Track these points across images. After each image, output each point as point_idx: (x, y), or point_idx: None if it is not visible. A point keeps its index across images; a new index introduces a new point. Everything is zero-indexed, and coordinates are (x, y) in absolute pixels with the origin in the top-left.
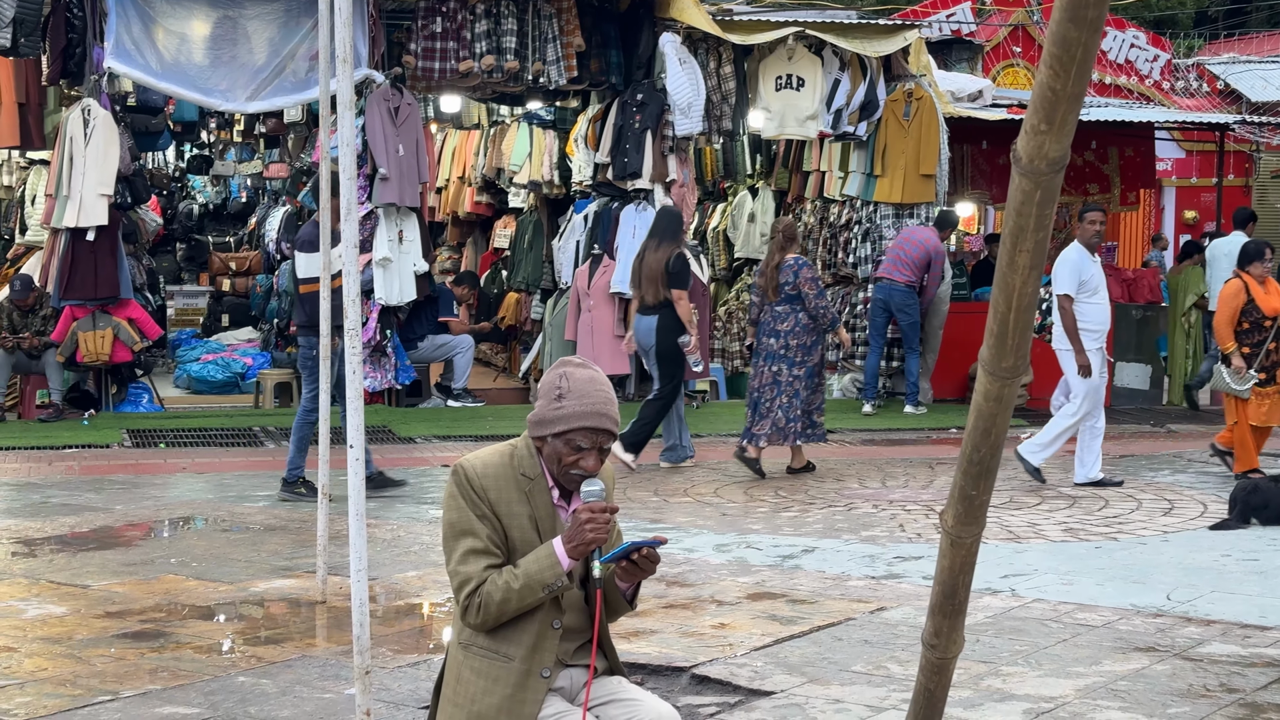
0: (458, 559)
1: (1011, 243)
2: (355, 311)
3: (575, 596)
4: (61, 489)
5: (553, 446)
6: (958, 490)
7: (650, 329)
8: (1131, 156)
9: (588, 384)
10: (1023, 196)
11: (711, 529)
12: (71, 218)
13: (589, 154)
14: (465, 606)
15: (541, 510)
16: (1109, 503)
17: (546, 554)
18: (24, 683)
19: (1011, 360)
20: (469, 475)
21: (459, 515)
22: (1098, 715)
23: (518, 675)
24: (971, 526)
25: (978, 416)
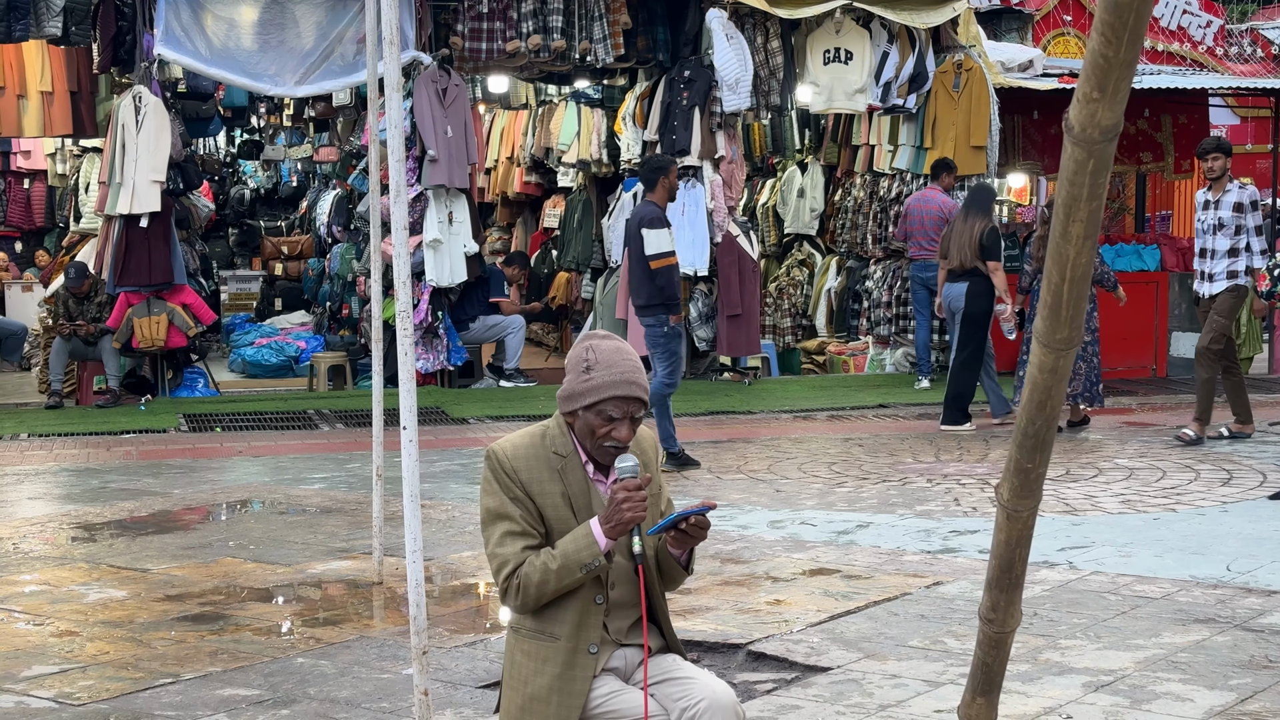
0: (495, 542)
1: (1065, 213)
2: (406, 293)
3: (625, 570)
4: (120, 474)
5: (584, 420)
6: (1013, 463)
7: (960, 294)
8: (1185, 124)
9: (614, 354)
10: (1075, 166)
11: (765, 505)
12: (125, 204)
13: (637, 132)
14: (504, 589)
15: (575, 487)
16: (1166, 474)
17: (584, 534)
18: (86, 666)
19: (1066, 332)
20: (500, 458)
21: (494, 499)
22: (1158, 687)
23: (565, 654)
24: (1027, 500)
25: (1032, 389)
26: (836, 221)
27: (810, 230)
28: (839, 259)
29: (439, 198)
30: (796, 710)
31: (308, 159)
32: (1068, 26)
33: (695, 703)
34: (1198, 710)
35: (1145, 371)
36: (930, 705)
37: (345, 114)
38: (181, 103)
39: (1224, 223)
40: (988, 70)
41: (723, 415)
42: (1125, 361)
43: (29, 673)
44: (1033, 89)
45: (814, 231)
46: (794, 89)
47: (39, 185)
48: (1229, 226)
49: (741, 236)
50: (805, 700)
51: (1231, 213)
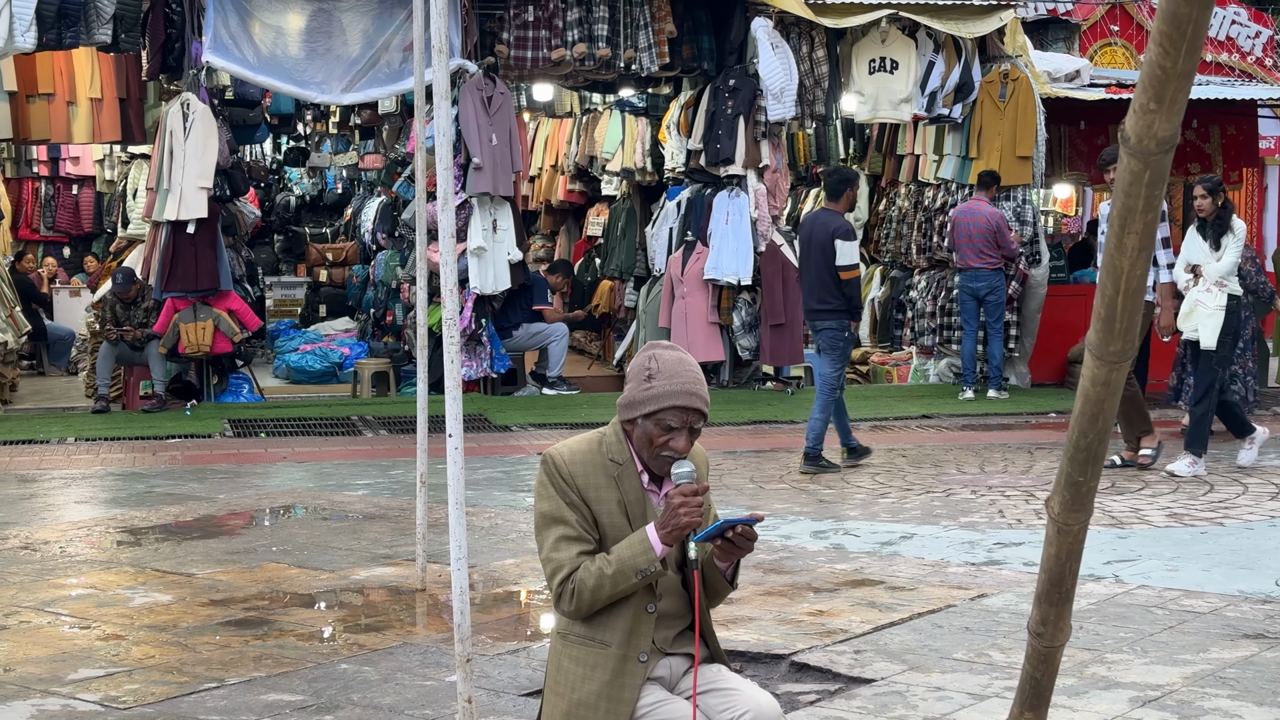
0: (549, 547)
1: (1120, 224)
2: (453, 300)
3: (672, 581)
4: (166, 478)
5: (643, 428)
6: (1064, 477)
7: None
8: (1234, 135)
9: (676, 364)
10: (1131, 177)
11: (809, 515)
12: (172, 211)
13: (681, 140)
14: (558, 594)
15: (631, 495)
16: (1214, 487)
17: (640, 539)
18: (132, 670)
19: (1120, 344)
20: (557, 463)
21: (549, 504)
22: (1206, 703)
23: (615, 661)
24: (1078, 513)
25: (1085, 402)
26: (881, 231)
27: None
28: (883, 269)
29: (483, 205)
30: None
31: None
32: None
33: (740, 714)
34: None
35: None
36: (975, 718)
37: (391, 121)
38: (229, 110)
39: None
40: (1034, 80)
41: (765, 425)
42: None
43: (75, 676)
44: (1079, 99)
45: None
46: (839, 98)
47: (87, 191)
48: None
49: (785, 246)
50: (849, 712)
51: None
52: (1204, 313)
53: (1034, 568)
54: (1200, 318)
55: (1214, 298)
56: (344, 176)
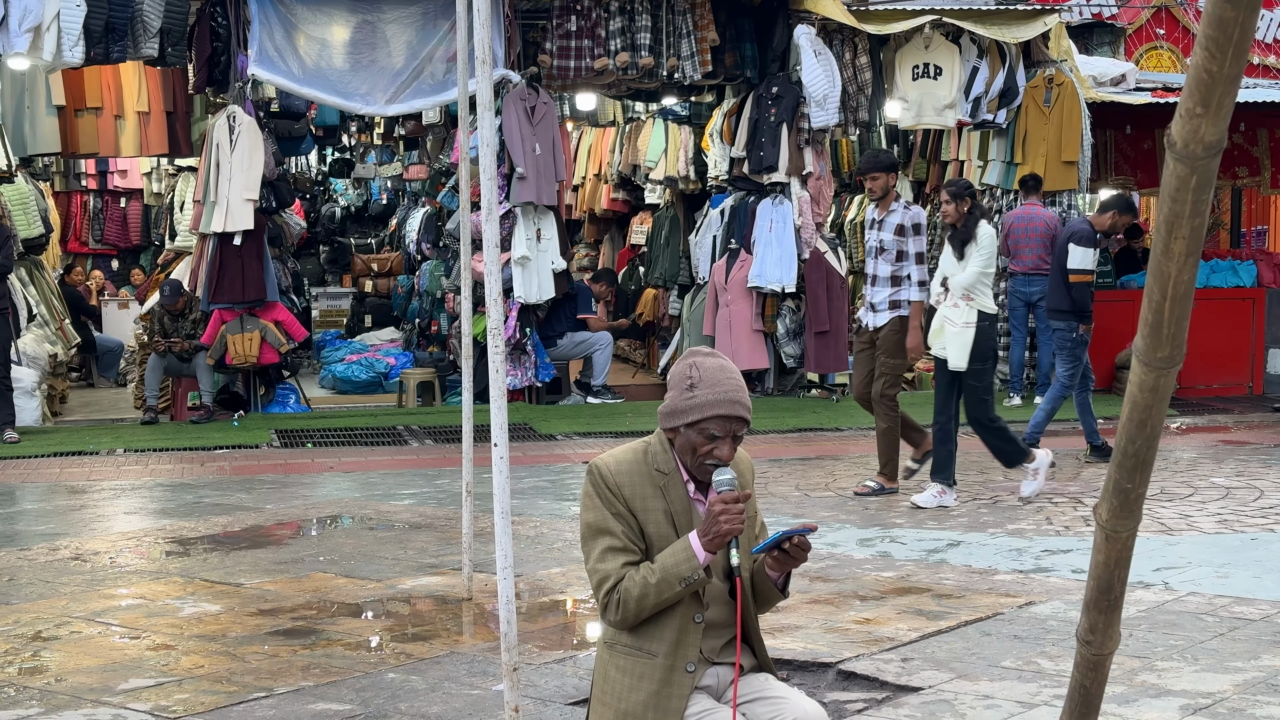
0: (596, 557)
1: (1166, 230)
2: (497, 310)
3: (719, 590)
4: (214, 489)
5: (686, 437)
6: (1112, 484)
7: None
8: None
9: (718, 372)
10: (1178, 182)
11: (854, 523)
12: (219, 223)
13: (724, 148)
14: (605, 604)
15: (677, 504)
16: (1264, 493)
17: (683, 548)
18: (181, 679)
19: (1167, 350)
20: (603, 474)
21: (595, 514)
22: (1258, 711)
23: (662, 671)
24: (1127, 520)
25: (1132, 408)
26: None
27: None
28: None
29: (527, 215)
30: None
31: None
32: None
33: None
34: None
35: (1241, 389)
36: None
37: (435, 132)
38: (274, 122)
39: (885, 246)
40: (1079, 85)
41: (810, 432)
42: (1221, 379)
43: (126, 686)
44: (1125, 103)
45: None
46: (882, 105)
47: (135, 204)
48: (890, 251)
49: (829, 253)
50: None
51: (893, 236)
52: (951, 331)
53: (1082, 575)
54: (948, 336)
55: (961, 314)
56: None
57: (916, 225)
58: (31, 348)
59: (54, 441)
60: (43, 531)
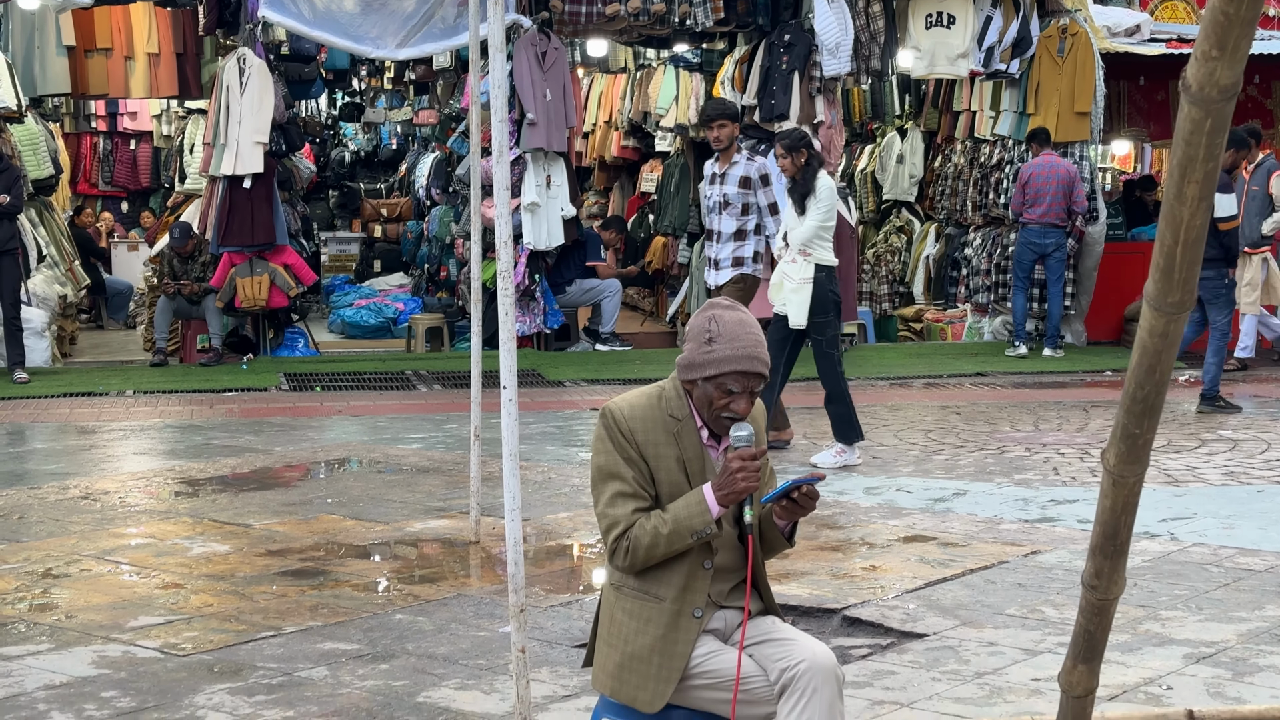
0: (606, 502)
1: (1180, 173)
2: (507, 252)
3: (729, 536)
4: (222, 431)
5: (703, 390)
6: (1120, 429)
7: None
8: None
9: (737, 326)
10: (1192, 126)
11: (861, 472)
12: (229, 165)
13: (736, 96)
14: (613, 550)
15: (690, 452)
16: (1271, 446)
17: (696, 500)
18: (190, 618)
19: (1178, 295)
20: (617, 418)
21: (607, 458)
22: (1261, 660)
23: (669, 615)
24: (1134, 465)
25: (1142, 353)
26: (936, 188)
27: (909, 197)
28: (938, 226)
29: (537, 161)
30: (892, 675)
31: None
32: None
33: (795, 664)
34: None
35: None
36: (1027, 673)
37: (445, 77)
38: (284, 65)
39: (729, 200)
40: (1093, 35)
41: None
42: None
43: (135, 623)
44: (1139, 54)
45: (913, 198)
46: (895, 54)
47: (145, 146)
48: (735, 205)
49: (839, 203)
50: (901, 666)
51: (737, 189)
52: (789, 287)
53: (1088, 525)
54: (786, 292)
55: (799, 269)
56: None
57: (764, 176)
58: (41, 288)
59: (63, 382)
60: (52, 471)
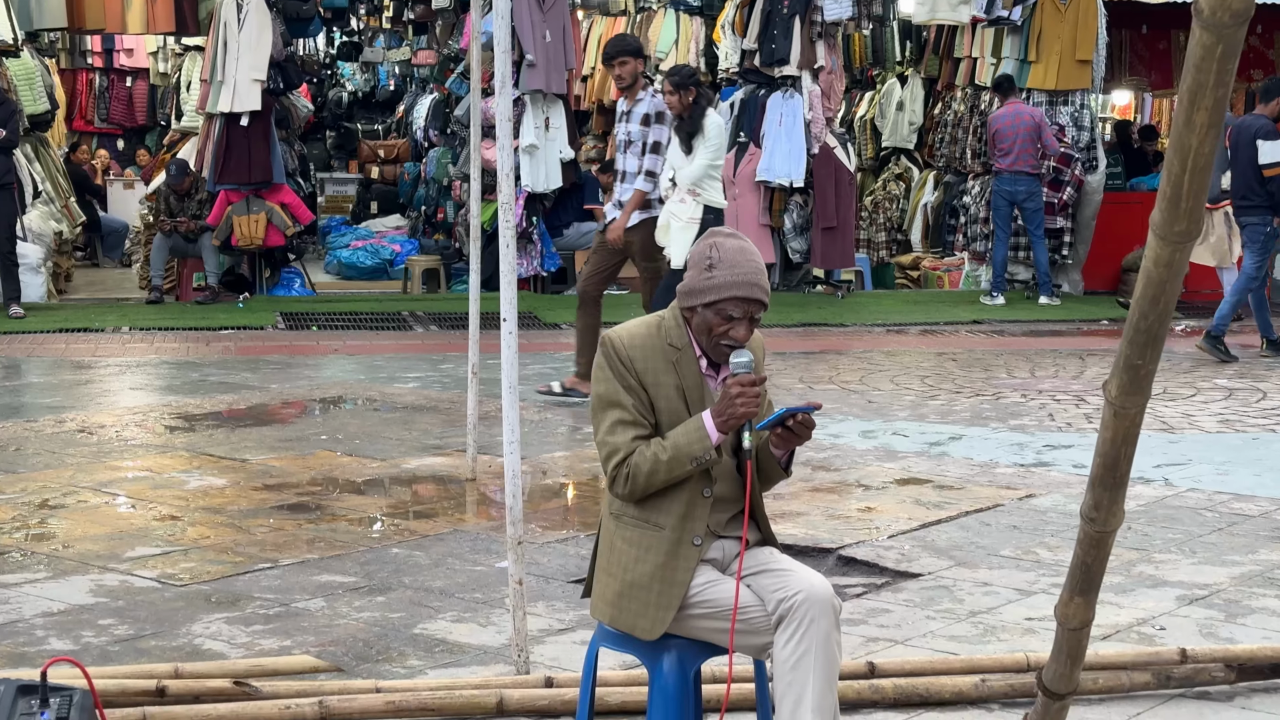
0: (606, 429)
1: (1189, 100)
2: (509, 186)
3: (727, 466)
4: (219, 368)
5: (702, 317)
6: (1123, 360)
7: None
8: None
9: (738, 254)
10: (1203, 51)
11: (857, 416)
12: (226, 103)
13: (736, 40)
14: (613, 477)
15: (689, 380)
16: (1266, 395)
17: (696, 427)
18: (188, 549)
19: (1185, 224)
20: (616, 346)
21: (607, 386)
22: (1254, 602)
23: (669, 544)
24: (1136, 397)
25: (1146, 283)
26: (935, 136)
27: (908, 144)
28: (937, 174)
29: (536, 103)
30: (886, 614)
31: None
32: None
33: (792, 594)
34: None
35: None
36: (1021, 613)
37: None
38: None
39: (633, 138)
40: None
41: (815, 327)
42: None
43: (133, 553)
44: (1142, 2)
45: (912, 145)
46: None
47: (141, 84)
48: (638, 143)
49: (839, 148)
50: (895, 605)
51: (640, 126)
52: (676, 226)
53: (1083, 470)
54: (673, 232)
55: (687, 209)
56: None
57: (660, 114)
58: (37, 224)
59: (59, 318)
60: (49, 404)
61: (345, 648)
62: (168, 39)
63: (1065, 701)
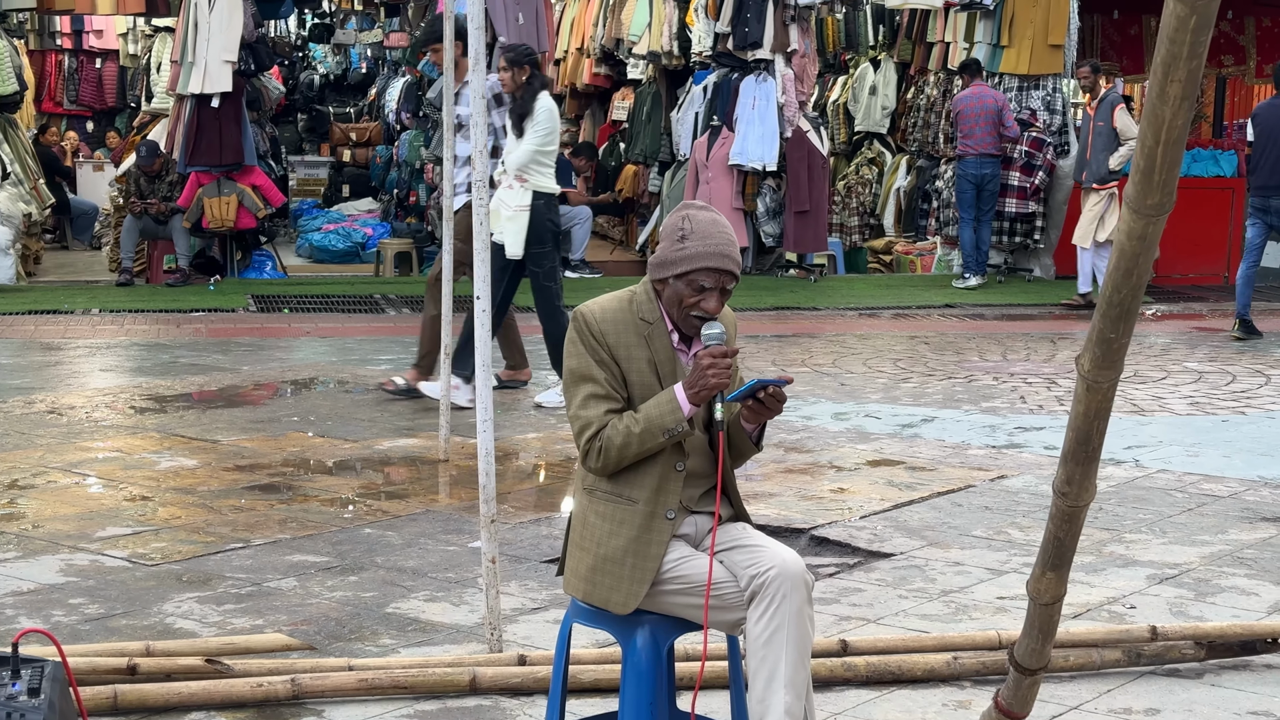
0: (578, 404)
1: (1163, 72)
2: (483, 164)
3: (699, 441)
4: (189, 350)
5: (674, 288)
6: (1096, 333)
7: None
8: (1269, 27)
9: (710, 225)
10: (1177, 23)
11: (830, 398)
12: (196, 84)
13: (709, 24)
14: (586, 451)
15: (661, 354)
16: (1236, 378)
17: (668, 399)
18: (159, 529)
19: (1158, 197)
20: (588, 321)
21: (579, 361)
22: (1223, 581)
23: (642, 517)
24: (1109, 371)
25: (1120, 256)
26: (908, 120)
27: (881, 128)
28: (909, 158)
29: None
30: (859, 593)
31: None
32: None
33: (765, 570)
34: (1263, 604)
35: (1217, 279)
36: (993, 592)
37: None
38: None
39: (463, 121)
40: None
41: (788, 310)
42: (1198, 268)
43: (103, 533)
44: None
45: (885, 130)
46: None
47: (111, 65)
48: (467, 126)
49: (812, 132)
50: (868, 584)
51: (467, 108)
52: (505, 214)
53: (1054, 451)
54: (504, 220)
55: (515, 195)
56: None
57: (497, 96)
58: (5, 206)
59: (28, 300)
60: (18, 385)
61: (318, 627)
62: (138, 20)
63: (1037, 677)
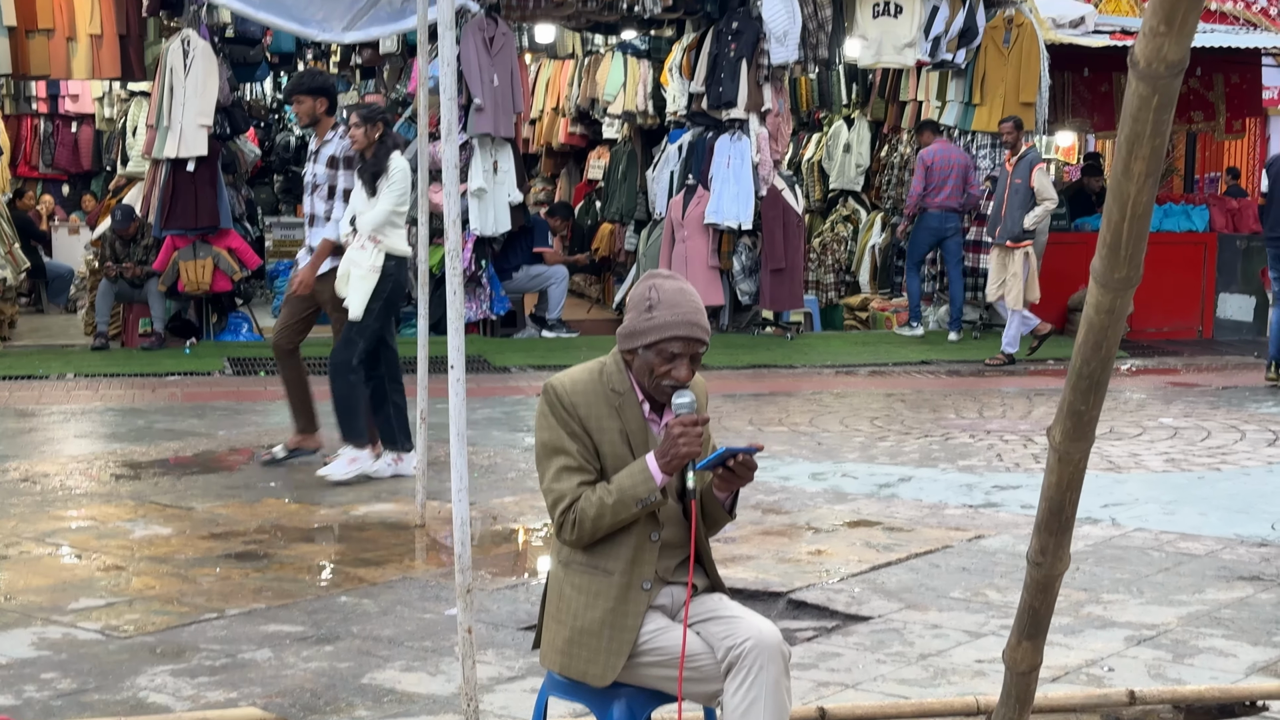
0: (551, 477)
1: (1127, 149)
2: (456, 233)
3: (673, 511)
4: (165, 414)
5: (644, 358)
6: (1066, 405)
7: None
8: (1237, 84)
9: (677, 294)
10: (1139, 101)
11: (807, 457)
12: (172, 148)
13: (684, 83)
14: (560, 524)
15: (632, 424)
16: (1211, 434)
17: (640, 469)
18: (132, 600)
19: (1125, 271)
20: (559, 393)
21: (550, 434)
22: (1201, 642)
23: (619, 589)
24: (1080, 442)
25: (1088, 329)
26: (882, 178)
27: (855, 186)
28: (884, 215)
29: (484, 147)
30: (837, 657)
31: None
32: None
33: (741, 641)
34: (1240, 665)
35: (1191, 333)
36: (971, 655)
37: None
38: (229, 47)
39: (319, 181)
40: (1039, 26)
41: (764, 369)
42: (1172, 323)
43: (76, 605)
44: (1084, 46)
45: (859, 187)
46: (842, 42)
47: (86, 129)
48: (324, 187)
49: (786, 190)
50: (846, 648)
51: (326, 169)
52: (356, 274)
53: (1032, 510)
54: (352, 281)
55: (367, 256)
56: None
57: (349, 158)
58: None
59: (3, 365)
60: None
61: (292, 699)
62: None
63: None
